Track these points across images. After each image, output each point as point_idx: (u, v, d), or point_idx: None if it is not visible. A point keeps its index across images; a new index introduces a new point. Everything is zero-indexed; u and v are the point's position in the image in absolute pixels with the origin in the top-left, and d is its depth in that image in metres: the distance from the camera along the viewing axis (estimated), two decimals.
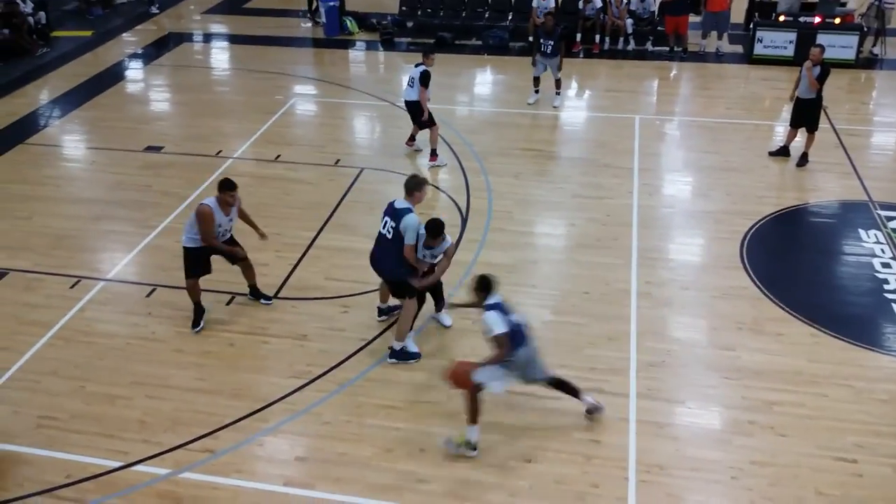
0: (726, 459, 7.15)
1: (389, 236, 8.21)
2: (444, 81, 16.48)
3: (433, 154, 12.79)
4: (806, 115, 12.29)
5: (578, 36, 18.08)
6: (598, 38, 18.05)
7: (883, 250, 10.26)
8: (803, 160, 12.46)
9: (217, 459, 7.26)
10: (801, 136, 12.57)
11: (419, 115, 12.61)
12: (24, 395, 8.08)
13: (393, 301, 8.89)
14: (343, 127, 14.71)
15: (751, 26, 17.51)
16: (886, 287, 9.56)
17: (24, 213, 11.46)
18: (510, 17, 19.33)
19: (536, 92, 15.09)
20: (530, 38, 18.28)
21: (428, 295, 8.74)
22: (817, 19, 16.73)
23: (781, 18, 17.05)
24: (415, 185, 8.40)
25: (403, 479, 7.03)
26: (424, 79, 12.37)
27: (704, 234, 10.78)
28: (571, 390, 7.47)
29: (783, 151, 12.73)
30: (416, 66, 12.51)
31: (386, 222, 8.29)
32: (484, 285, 7.10)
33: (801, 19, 16.90)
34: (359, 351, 8.58)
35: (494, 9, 19.51)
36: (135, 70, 17.72)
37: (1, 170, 12.92)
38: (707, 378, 8.13)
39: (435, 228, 8.03)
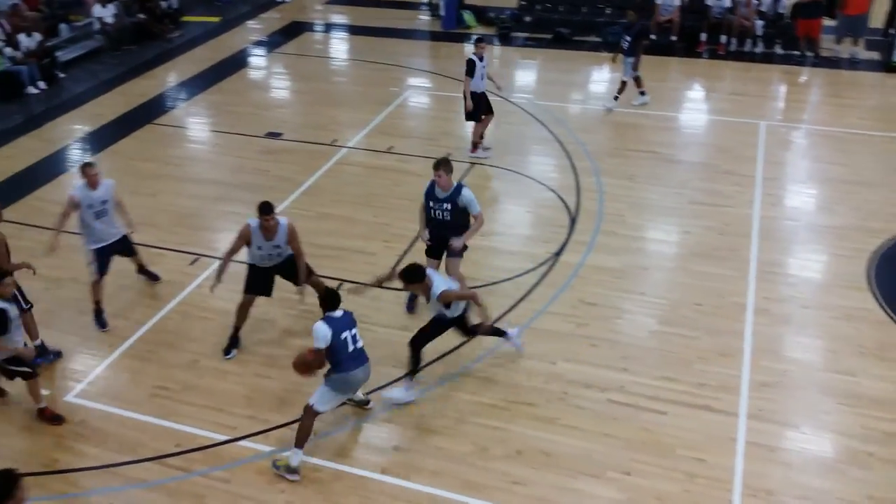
0: (840, 491, 6.77)
1: None
2: (560, 78, 16.34)
3: (474, 146, 12.83)
4: None
5: (703, 35, 17.51)
6: (724, 38, 17.42)
7: None
8: None
9: (318, 441, 7.41)
10: None
11: (465, 106, 12.50)
12: (142, 364, 8.47)
13: None
14: (455, 121, 14.71)
15: (891, 32, 16.50)
16: None
17: (150, 191, 12.01)
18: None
19: (642, 94, 14.66)
20: (652, 37, 17.83)
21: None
22: None
23: None
24: (434, 166, 8.51)
25: (498, 479, 6.99)
26: (466, 68, 12.26)
27: (828, 250, 10.23)
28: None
29: None
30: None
31: None
32: (331, 301, 7.08)
33: None
34: (461, 346, 8.57)
35: (616, 5, 19.11)
36: (258, 57, 18.30)
37: (130, 148, 13.59)
38: (824, 403, 7.72)
39: (406, 275, 7.45)
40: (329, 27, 20.73)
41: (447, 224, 8.56)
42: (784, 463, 7.07)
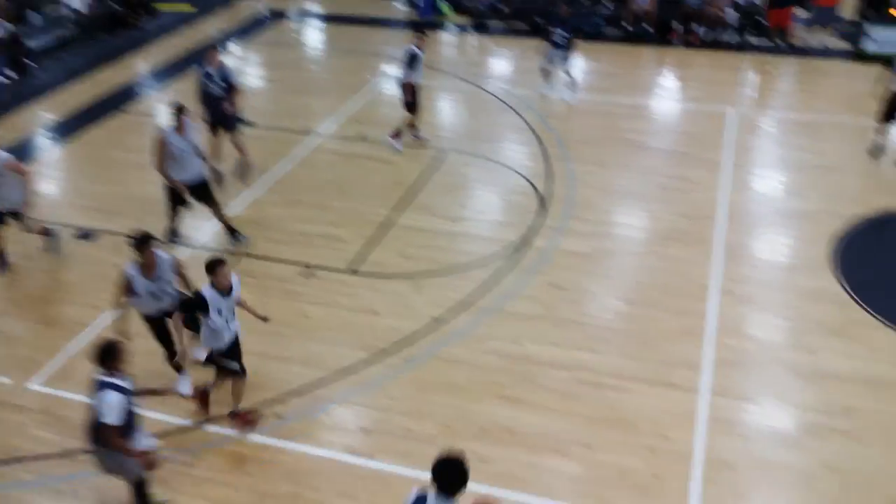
0: (798, 462, 6.90)
1: None
2: (535, 67, 16.32)
3: (397, 133, 12.67)
4: None
5: (677, 25, 17.57)
6: (697, 27, 17.52)
7: None
8: None
9: (284, 425, 7.43)
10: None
11: (405, 97, 12.45)
12: None
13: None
14: (429, 109, 14.72)
15: (861, 22, 16.65)
16: None
17: (119, 179, 11.94)
18: (608, 5, 18.93)
19: (548, 83, 14.75)
20: (625, 25, 17.91)
21: None
22: None
23: None
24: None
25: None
26: (409, 61, 12.18)
27: (794, 233, 10.35)
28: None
29: (881, 149, 12.09)
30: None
31: None
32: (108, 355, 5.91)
33: None
34: (428, 329, 8.62)
35: None
36: (231, 45, 18.18)
37: (101, 136, 13.50)
38: (784, 379, 7.83)
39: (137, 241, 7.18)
40: (304, 15, 20.62)
41: (222, 98, 11.11)
42: (745, 436, 7.18)
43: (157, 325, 7.66)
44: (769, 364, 8.04)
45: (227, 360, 7.19)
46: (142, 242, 7.17)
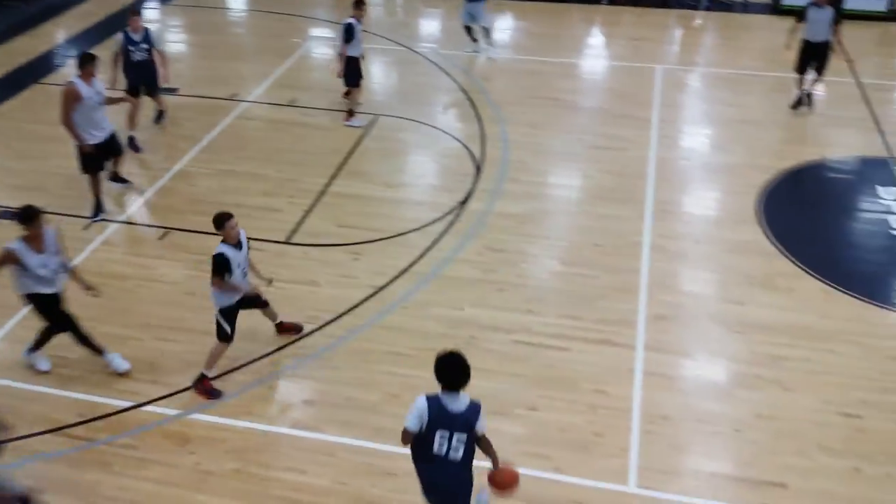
0: (731, 412, 7.18)
1: None
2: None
3: (350, 112, 12.24)
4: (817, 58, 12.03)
5: None
6: None
7: None
8: (809, 99, 12.34)
9: (227, 401, 7.37)
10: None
11: (343, 70, 11.91)
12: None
13: None
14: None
15: None
16: None
17: (39, 154, 11.49)
18: None
19: (475, 41, 14.74)
20: None
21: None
22: None
23: None
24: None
25: None
26: (346, 32, 11.66)
27: (721, 187, 10.65)
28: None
29: (801, 101, 12.46)
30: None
31: None
32: None
33: None
34: (369, 298, 8.62)
35: None
36: (150, 10, 17.52)
37: (17, 110, 12.93)
38: (716, 332, 8.12)
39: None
40: None
41: (148, 63, 11.24)
42: (680, 390, 7.44)
43: (52, 306, 7.36)
44: (701, 318, 8.32)
45: (223, 321, 7.29)
46: (30, 217, 6.92)
